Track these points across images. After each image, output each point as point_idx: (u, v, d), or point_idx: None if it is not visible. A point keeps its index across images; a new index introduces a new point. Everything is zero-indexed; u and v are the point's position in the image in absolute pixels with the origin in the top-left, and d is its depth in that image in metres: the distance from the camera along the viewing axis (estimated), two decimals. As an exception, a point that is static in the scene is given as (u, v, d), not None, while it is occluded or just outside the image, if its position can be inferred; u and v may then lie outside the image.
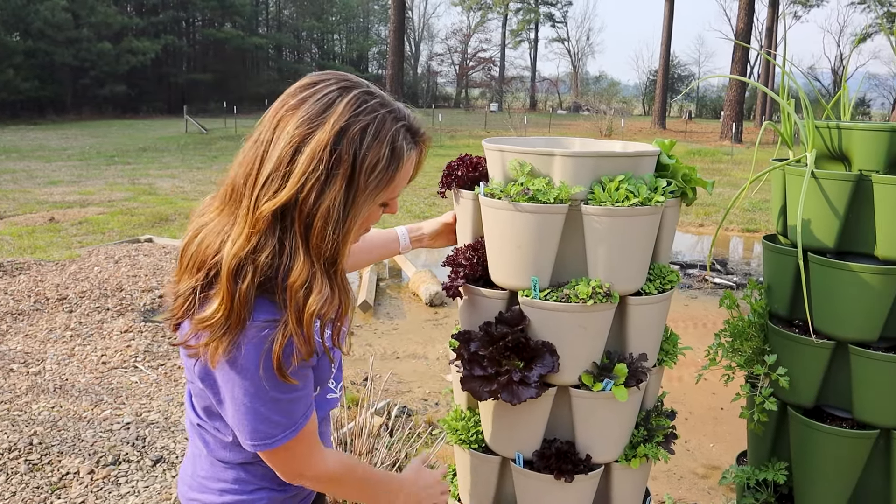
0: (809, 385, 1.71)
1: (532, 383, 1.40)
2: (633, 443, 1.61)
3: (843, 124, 1.64)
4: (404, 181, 1.12)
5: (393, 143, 1.05)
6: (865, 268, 1.57)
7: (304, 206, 1.01)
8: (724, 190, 13.77)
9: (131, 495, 3.20)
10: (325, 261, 1.04)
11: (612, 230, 1.39)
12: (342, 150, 1.01)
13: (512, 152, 1.44)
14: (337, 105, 1.03)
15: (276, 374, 1.05)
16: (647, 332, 1.54)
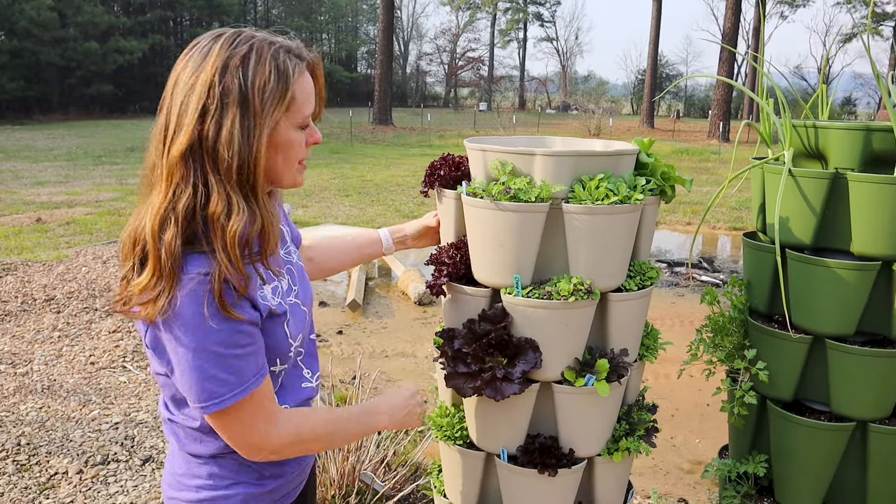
0: (788, 379, 1.75)
1: (515, 379, 1.42)
2: (616, 437, 1.63)
3: (820, 123, 1.67)
4: (307, 101, 1.16)
5: (275, 61, 1.10)
6: (841, 263, 1.61)
7: (207, 141, 1.07)
8: (711, 189, 13.86)
9: (120, 494, 3.20)
10: (241, 187, 1.09)
11: (593, 228, 1.42)
12: (227, 81, 1.07)
13: (493, 152, 1.47)
14: (213, 49, 1.10)
15: (217, 320, 1.05)
16: (628, 328, 1.57)
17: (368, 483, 2.77)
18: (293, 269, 1.33)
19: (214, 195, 1.07)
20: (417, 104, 52.44)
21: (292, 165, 1.19)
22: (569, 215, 1.41)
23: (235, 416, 1.13)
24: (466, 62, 65.44)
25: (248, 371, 1.11)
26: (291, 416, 1.21)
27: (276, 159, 1.15)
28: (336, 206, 11.13)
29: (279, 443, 1.18)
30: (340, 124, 30.51)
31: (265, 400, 1.16)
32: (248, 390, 1.12)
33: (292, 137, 1.15)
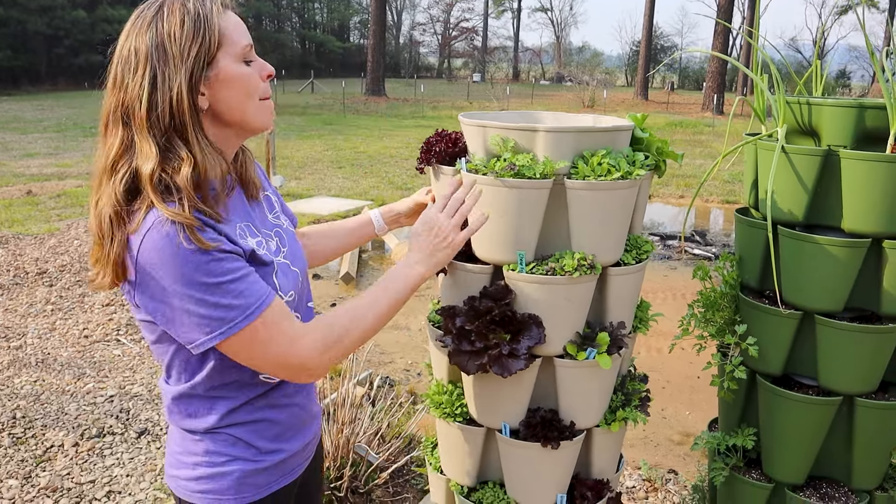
0: (777, 354, 1.77)
1: (521, 355, 1.43)
2: (612, 407, 1.67)
3: (813, 100, 1.67)
4: (239, 33, 1.17)
5: (185, 7, 1.12)
6: (832, 240, 1.62)
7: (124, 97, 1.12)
8: (705, 162, 13.85)
9: (116, 467, 3.23)
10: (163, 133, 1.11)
11: (595, 203, 1.43)
12: (137, 43, 1.11)
13: (494, 128, 1.46)
14: (130, 20, 1.16)
15: (193, 253, 1.05)
16: (625, 301, 1.59)
17: (363, 455, 2.80)
18: (282, 232, 1.33)
19: (137, 149, 1.11)
20: (411, 75, 51.97)
21: (252, 100, 1.19)
22: (572, 191, 1.42)
23: (255, 339, 1.11)
24: (460, 32, 64.82)
25: (250, 292, 1.10)
26: (312, 325, 1.19)
27: (228, 96, 1.16)
28: (329, 178, 11.08)
29: (311, 353, 1.16)
30: (333, 95, 30.26)
31: (282, 319, 1.14)
32: (260, 309, 1.10)
33: (239, 71, 1.16)
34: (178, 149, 1.11)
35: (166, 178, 1.09)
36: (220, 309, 1.08)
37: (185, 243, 1.05)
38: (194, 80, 1.11)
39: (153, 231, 1.06)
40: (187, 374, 1.22)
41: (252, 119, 1.20)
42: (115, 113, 1.13)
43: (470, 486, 1.72)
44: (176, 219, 1.06)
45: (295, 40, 56.70)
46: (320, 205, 9.08)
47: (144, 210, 1.08)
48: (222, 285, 1.08)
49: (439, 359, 1.70)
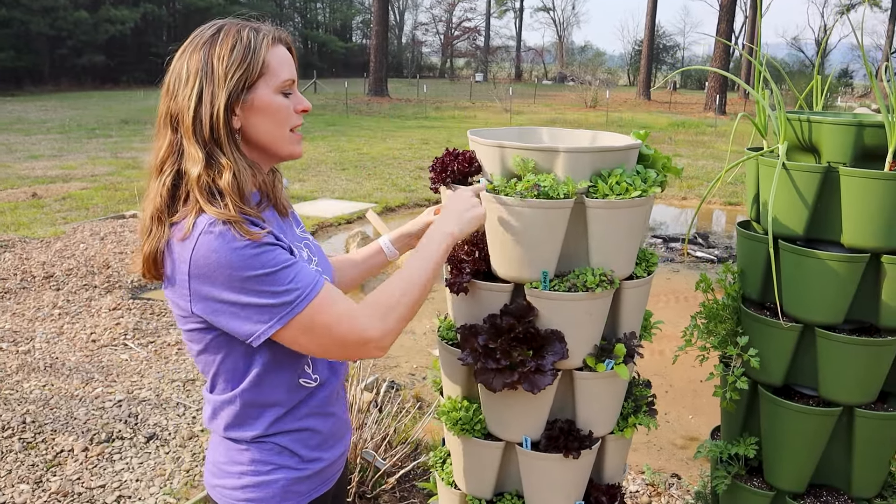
0: (779, 365, 1.81)
1: (548, 371, 1.48)
2: (624, 414, 1.72)
3: (814, 118, 1.71)
4: (283, 67, 1.26)
5: (239, 34, 1.22)
6: (832, 255, 1.65)
7: (174, 106, 1.22)
8: (708, 163, 13.88)
9: (126, 471, 3.28)
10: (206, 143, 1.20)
11: (614, 220, 1.48)
12: (192, 60, 1.21)
13: (514, 148, 1.50)
14: (189, 39, 1.25)
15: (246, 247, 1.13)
16: (637, 312, 1.65)
17: (370, 461, 2.84)
18: (311, 245, 1.41)
19: (185, 154, 1.21)
20: (413, 75, 51.99)
21: (282, 130, 1.28)
22: (592, 209, 1.46)
23: (314, 322, 1.17)
24: (462, 32, 64.82)
25: (302, 277, 1.17)
26: (366, 298, 1.26)
27: (260, 122, 1.25)
28: (333, 180, 11.12)
29: (370, 326, 1.21)
30: (336, 95, 30.30)
31: (336, 299, 1.21)
32: (313, 293, 1.17)
33: (273, 101, 1.25)
34: (219, 157, 1.20)
35: (210, 182, 1.18)
36: (278, 296, 1.15)
37: (237, 237, 1.13)
38: (231, 101, 1.20)
39: (205, 234, 1.14)
40: (234, 383, 1.28)
41: (279, 147, 1.29)
42: (166, 118, 1.23)
43: (488, 499, 1.76)
44: (224, 217, 1.14)
45: (297, 40, 56.71)
46: (324, 207, 9.12)
47: (193, 215, 1.16)
48: (276, 273, 1.15)
49: (454, 375, 1.74)
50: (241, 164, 1.22)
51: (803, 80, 29.39)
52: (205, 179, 1.18)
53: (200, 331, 1.23)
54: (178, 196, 1.21)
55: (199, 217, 1.16)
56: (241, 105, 1.22)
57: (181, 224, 1.17)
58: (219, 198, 1.18)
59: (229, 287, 1.14)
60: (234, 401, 1.29)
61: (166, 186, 1.20)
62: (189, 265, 1.15)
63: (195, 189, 1.18)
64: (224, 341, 1.23)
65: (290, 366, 1.29)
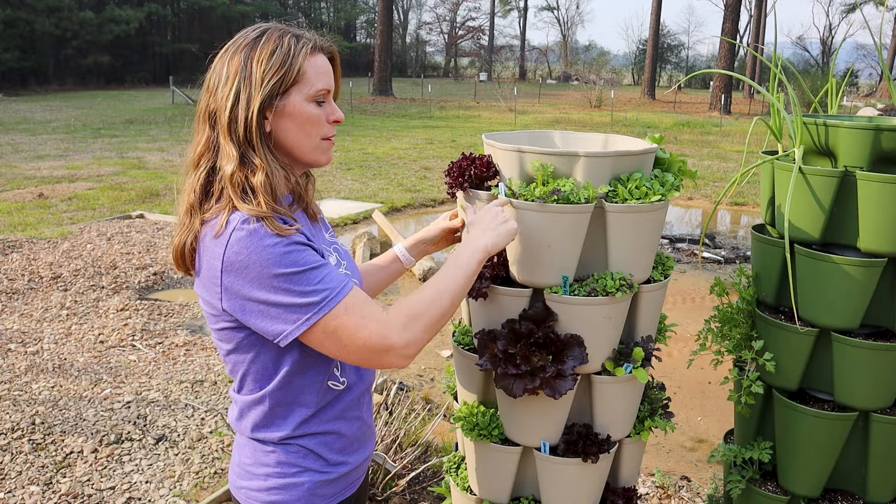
0: (794, 369, 1.80)
1: (568, 376, 1.47)
2: (640, 417, 1.73)
3: (830, 122, 1.70)
4: (319, 76, 1.27)
5: (281, 40, 1.24)
6: (848, 260, 1.64)
7: (213, 104, 1.24)
8: (713, 163, 13.85)
9: (135, 473, 3.28)
10: (241, 143, 1.23)
11: (634, 225, 1.48)
12: (234, 60, 1.24)
13: (533, 153, 1.49)
14: (234, 39, 1.28)
15: (277, 244, 1.15)
16: (653, 315, 1.65)
17: (381, 463, 2.84)
18: (339, 249, 1.42)
19: (221, 151, 1.24)
20: (417, 74, 52.01)
21: (312, 139, 1.29)
22: (612, 214, 1.46)
23: (340, 324, 1.17)
24: (466, 31, 64.81)
25: (331, 278, 1.18)
26: (395, 305, 1.24)
27: (290, 129, 1.26)
28: (338, 180, 11.13)
29: (397, 330, 1.20)
30: (341, 95, 30.29)
31: (363, 303, 1.20)
32: (342, 295, 1.17)
33: (307, 110, 1.26)
34: (252, 158, 1.22)
35: (243, 180, 1.20)
36: (306, 295, 1.16)
37: (268, 234, 1.15)
38: (264, 105, 1.22)
39: (238, 230, 1.15)
40: (263, 382, 1.28)
41: (304, 154, 1.31)
42: (205, 114, 1.26)
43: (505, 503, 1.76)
44: (257, 213, 1.16)
45: (301, 40, 56.64)
46: (330, 207, 9.12)
47: (227, 212, 1.18)
48: (306, 272, 1.16)
49: (468, 380, 1.73)
50: (274, 165, 1.24)
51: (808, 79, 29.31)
52: (238, 177, 1.20)
53: (231, 329, 1.24)
54: (211, 192, 1.23)
55: (231, 214, 1.18)
56: (273, 110, 1.24)
57: (214, 221, 1.19)
58: (251, 195, 1.20)
59: (259, 284, 1.15)
60: (262, 401, 1.29)
61: (200, 182, 1.23)
62: (222, 262, 1.17)
63: (228, 185, 1.20)
64: (254, 340, 1.24)
65: (319, 368, 1.29)
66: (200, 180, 1.24)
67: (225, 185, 1.21)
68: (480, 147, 1.93)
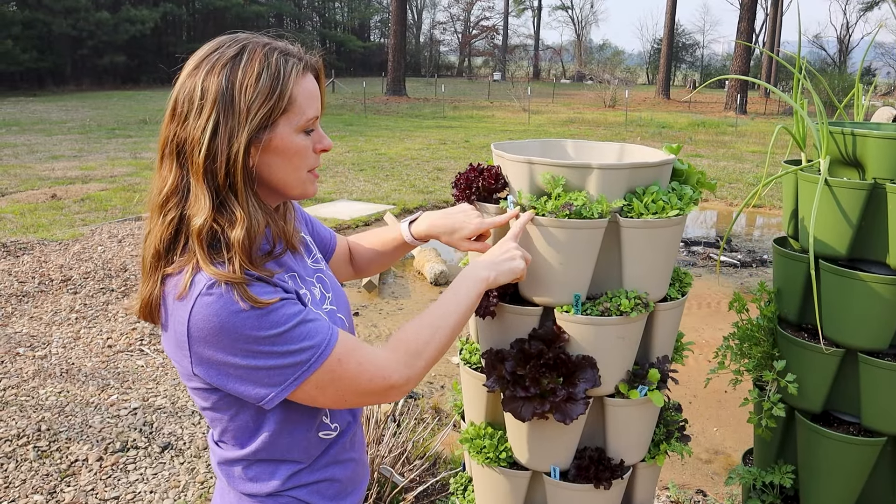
0: (818, 391, 1.71)
1: (580, 399, 1.40)
2: (655, 441, 1.65)
3: (858, 130, 1.61)
4: (309, 103, 1.11)
5: (267, 59, 1.06)
6: (877, 277, 1.56)
7: (182, 134, 1.05)
8: (729, 163, 13.68)
9: (140, 482, 3.23)
10: (218, 188, 1.05)
11: (650, 241, 1.40)
12: (209, 81, 1.04)
13: (544, 164, 1.41)
14: (204, 51, 1.08)
15: (254, 313, 1.01)
16: (670, 335, 1.58)
17: (388, 477, 2.77)
18: (324, 277, 1.29)
19: (191, 195, 1.06)
20: (431, 74, 51.95)
21: (299, 173, 1.14)
22: (627, 229, 1.39)
23: (335, 376, 1.07)
24: (480, 31, 64.72)
25: (317, 330, 1.06)
26: (393, 339, 1.16)
27: (276, 164, 1.11)
28: (351, 181, 11.08)
29: (398, 369, 1.12)
30: (354, 95, 30.34)
31: (356, 348, 1.10)
32: (330, 346, 1.06)
33: (295, 142, 1.11)
34: (232, 207, 1.05)
35: (217, 233, 1.04)
36: (292, 355, 1.04)
37: (240, 303, 1.00)
38: (251, 140, 1.06)
39: (205, 296, 1.01)
40: (244, 441, 1.17)
41: (291, 189, 1.16)
42: (171, 145, 1.07)
43: None
44: (227, 279, 1.01)
45: (316, 40, 56.91)
46: (341, 209, 9.07)
47: (191, 271, 1.03)
48: (287, 332, 1.03)
49: (475, 401, 1.66)
50: (256, 215, 1.08)
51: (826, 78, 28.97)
52: (209, 231, 1.04)
53: (205, 390, 1.11)
54: (178, 241, 1.07)
55: (196, 274, 1.03)
56: (256, 143, 1.07)
57: (177, 280, 1.04)
58: (224, 251, 1.04)
59: (234, 351, 1.02)
60: (245, 460, 1.19)
61: (169, 231, 1.06)
62: (188, 328, 1.02)
63: (195, 241, 1.04)
64: (232, 401, 1.12)
65: (307, 422, 1.18)
66: (169, 229, 1.06)
67: (192, 238, 1.04)
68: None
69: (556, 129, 19.25)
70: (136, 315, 1.11)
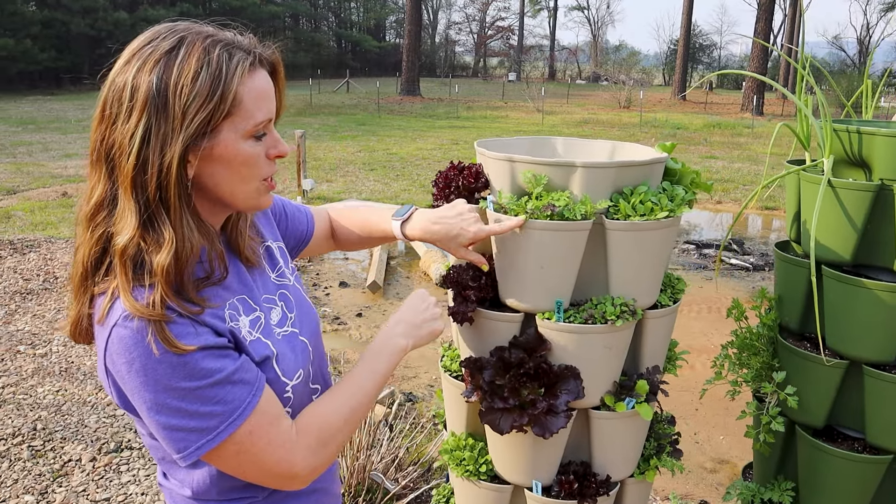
0: (820, 405, 1.62)
1: (561, 412, 1.32)
2: (645, 455, 1.56)
3: (864, 129, 1.52)
4: (259, 105, 0.97)
5: (208, 55, 0.92)
6: (883, 285, 1.46)
7: (104, 146, 0.94)
8: (744, 165, 13.51)
9: (132, 484, 3.19)
10: (147, 203, 0.92)
11: (637, 244, 1.32)
12: (139, 79, 0.92)
13: (525, 163, 1.34)
14: (136, 44, 0.96)
15: (168, 357, 0.90)
16: (661, 344, 1.49)
17: (379, 483, 2.70)
18: (288, 294, 1.17)
19: (117, 210, 0.93)
20: (446, 74, 51.91)
21: (248, 184, 1.00)
22: (612, 232, 1.31)
23: (241, 449, 0.96)
24: (496, 31, 64.61)
25: (234, 396, 0.93)
26: (305, 420, 1.04)
27: (221, 175, 0.97)
28: (361, 181, 11.04)
29: (305, 457, 1.01)
30: (368, 94, 30.34)
31: (270, 425, 0.98)
32: (244, 416, 0.94)
33: (242, 150, 0.97)
34: (161, 225, 0.93)
35: (142, 254, 0.92)
36: (198, 418, 0.92)
37: (153, 345, 0.89)
38: (186, 149, 0.92)
39: (120, 327, 0.91)
40: (189, 479, 1.07)
41: (240, 203, 1.02)
42: (99, 151, 0.95)
43: None
44: (145, 315, 0.89)
45: (331, 39, 57.06)
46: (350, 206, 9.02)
47: (110, 296, 0.93)
48: (200, 390, 0.92)
49: (456, 410, 1.59)
50: (191, 235, 0.94)
51: (844, 80, 28.57)
52: (132, 251, 0.92)
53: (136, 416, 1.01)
54: (105, 259, 0.95)
55: (115, 301, 0.92)
56: (195, 151, 0.93)
57: (99, 301, 0.94)
58: (147, 276, 0.91)
59: (143, 397, 0.91)
60: (195, 497, 1.09)
61: (97, 247, 0.94)
62: (104, 356, 0.93)
63: (117, 263, 0.92)
64: None
65: None
66: (97, 246, 0.94)
67: (114, 257, 0.92)
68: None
69: (569, 129, 19.12)
70: (67, 336, 1.02)
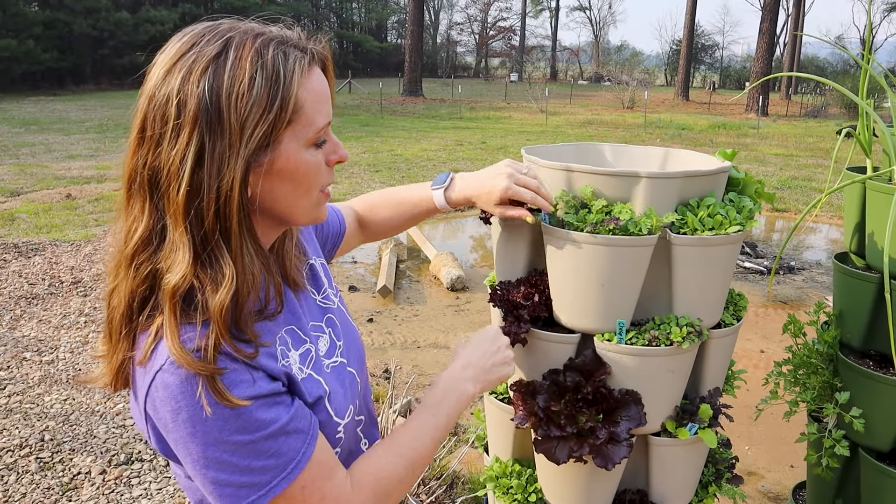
0: (887, 427, 1.53)
1: (623, 441, 1.23)
2: (703, 482, 1.48)
3: (939, 135, 1.43)
4: (319, 108, 0.87)
5: (261, 58, 0.81)
6: (961, 302, 1.37)
7: (156, 162, 0.81)
8: (751, 166, 13.40)
9: (143, 498, 3.09)
10: (204, 235, 0.81)
11: (705, 260, 1.23)
12: (185, 92, 0.80)
13: (585, 173, 1.24)
14: (174, 50, 0.83)
15: (220, 410, 0.80)
16: (722, 365, 1.41)
17: (403, 501, 2.61)
18: (334, 317, 1.08)
19: (167, 243, 0.82)
20: (448, 74, 51.82)
21: (309, 196, 0.90)
22: (679, 248, 1.21)
23: (286, 500, 0.86)
24: (497, 32, 64.53)
25: (288, 448, 0.85)
26: (362, 471, 0.95)
27: (281, 190, 0.87)
28: (366, 183, 10.94)
29: None
30: (370, 95, 30.26)
31: (325, 478, 0.89)
32: (299, 469, 0.86)
33: (305, 160, 0.86)
34: (222, 258, 0.82)
35: (196, 292, 0.82)
36: (249, 473, 0.83)
37: (204, 398, 0.80)
38: (249, 167, 0.81)
39: (165, 373, 0.81)
40: None
41: (301, 216, 0.92)
42: (141, 178, 0.83)
43: None
44: (194, 369, 0.79)
45: (333, 40, 56.98)
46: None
47: (154, 335, 0.82)
48: (253, 444, 0.82)
49: (502, 435, 1.49)
50: (252, 267, 0.84)
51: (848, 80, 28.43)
52: (184, 290, 0.81)
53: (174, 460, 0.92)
54: (153, 297, 0.84)
55: (159, 342, 0.81)
56: (256, 168, 0.83)
57: (140, 340, 0.84)
58: (200, 314, 0.81)
59: (188, 450, 0.82)
60: None
61: (144, 285, 0.84)
62: (145, 402, 0.83)
63: (167, 302, 0.81)
64: None
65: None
66: (144, 284, 0.84)
67: (163, 298, 0.81)
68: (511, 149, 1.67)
69: (574, 130, 19.02)
70: (104, 389, 0.91)
